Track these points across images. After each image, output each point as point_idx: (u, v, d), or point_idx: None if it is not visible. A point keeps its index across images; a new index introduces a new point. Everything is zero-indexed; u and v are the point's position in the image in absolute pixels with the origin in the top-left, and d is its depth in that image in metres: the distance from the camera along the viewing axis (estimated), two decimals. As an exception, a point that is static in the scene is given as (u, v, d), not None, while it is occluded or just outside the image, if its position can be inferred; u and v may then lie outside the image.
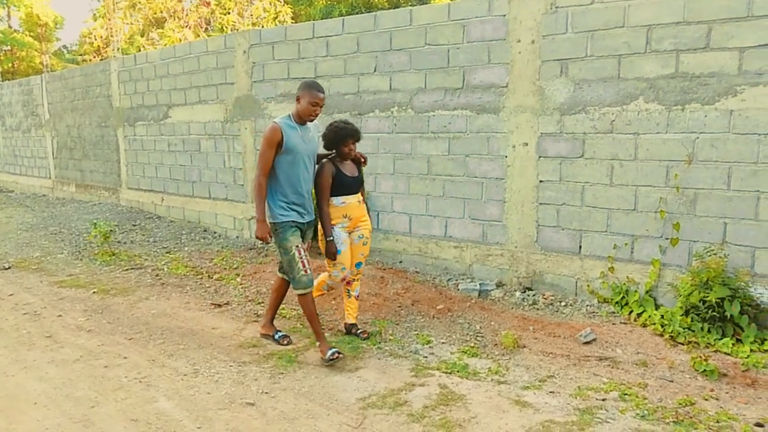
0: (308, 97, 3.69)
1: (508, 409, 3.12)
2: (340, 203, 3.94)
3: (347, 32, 6.13)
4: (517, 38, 5.03)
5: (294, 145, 3.71)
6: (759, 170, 4.04)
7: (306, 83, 3.77)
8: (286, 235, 3.76)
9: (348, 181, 3.96)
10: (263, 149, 3.69)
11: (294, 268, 3.76)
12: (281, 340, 4.08)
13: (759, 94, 4.00)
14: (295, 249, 3.75)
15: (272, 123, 3.71)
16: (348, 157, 3.99)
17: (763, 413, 3.03)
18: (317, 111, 3.74)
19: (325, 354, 3.70)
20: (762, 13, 3.94)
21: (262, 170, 3.71)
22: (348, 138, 3.92)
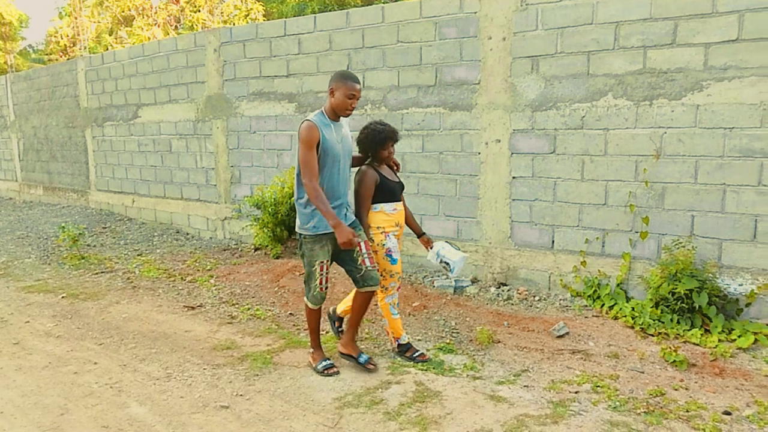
0: (344, 89, 3.31)
1: (483, 404, 3.13)
2: (392, 210, 3.63)
3: (319, 30, 6.09)
4: (489, 35, 5.06)
5: (331, 145, 3.34)
6: (725, 164, 4.13)
7: (340, 74, 3.40)
8: (314, 248, 3.42)
9: (393, 186, 3.64)
10: (304, 152, 3.26)
11: (312, 281, 3.48)
12: (366, 364, 3.58)
13: (724, 89, 4.09)
14: (318, 265, 3.44)
15: (306, 121, 3.30)
16: (387, 162, 3.67)
17: (730, 401, 3.10)
18: (354, 104, 3.37)
19: (317, 363, 3.59)
20: (726, 9, 4.03)
21: (311, 175, 3.26)
22: (387, 141, 3.58)
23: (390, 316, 3.74)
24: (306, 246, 3.46)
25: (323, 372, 3.55)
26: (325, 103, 3.42)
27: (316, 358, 3.64)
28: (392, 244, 3.62)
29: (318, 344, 3.68)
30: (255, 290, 5.13)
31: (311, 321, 3.63)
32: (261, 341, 4.13)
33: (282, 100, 6.46)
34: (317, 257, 3.43)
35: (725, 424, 2.88)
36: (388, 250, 3.62)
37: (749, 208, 4.06)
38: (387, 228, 3.62)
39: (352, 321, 3.67)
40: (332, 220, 3.24)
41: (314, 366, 3.60)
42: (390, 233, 3.63)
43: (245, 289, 5.17)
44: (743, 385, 3.28)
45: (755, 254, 4.06)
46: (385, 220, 3.62)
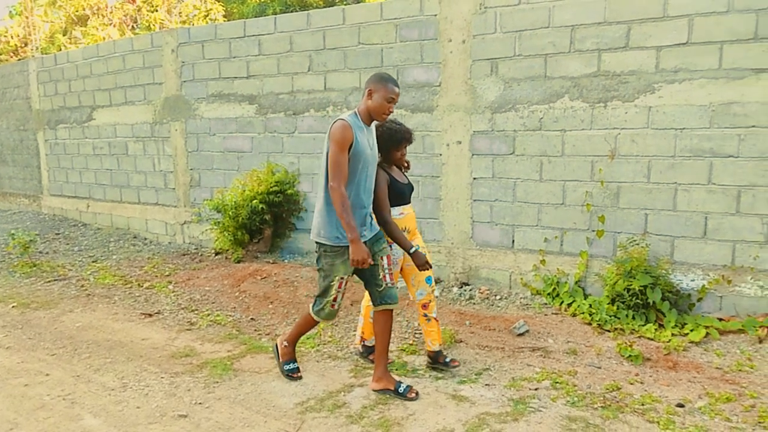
0: (384, 92, 3.09)
1: (445, 404, 3.15)
2: (398, 215, 3.39)
3: (280, 31, 6.03)
4: (449, 38, 5.10)
5: (363, 149, 3.08)
6: (676, 163, 4.26)
7: (380, 76, 3.17)
8: (335, 261, 3.17)
9: (404, 189, 3.44)
10: (335, 153, 3.00)
11: (326, 296, 3.26)
12: (408, 393, 3.22)
13: (675, 91, 4.22)
14: (337, 281, 3.20)
15: (340, 120, 3.05)
16: (399, 163, 3.48)
17: (683, 394, 3.19)
18: (392, 109, 3.16)
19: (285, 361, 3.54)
20: (676, 13, 4.16)
21: (341, 178, 3.00)
22: (403, 141, 3.40)
23: (368, 319, 3.69)
24: (326, 258, 3.18)
25: (287, 374, 3.48)
26: (360, 104, 3.18)
27: (286, 354, 3.54)
28: (394, 254, 3.36)
29: (295, 342, 3.59)
30: (215, 295, 5.03)
31: (305, 327, 3.51)
32: (221, 347, 4.06)
33: (242, 101, 6.37)
34: (338, 272, 3.18)
35: (678, 416, 2.97)
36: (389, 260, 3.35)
37: (699, 206, 4.20)
38: None
39: (380, 350, 3.30)
40: (352, 234, 2.99)
41: (280, 363, 3.53)
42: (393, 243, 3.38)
43: (205, 295, 5.07)
44: (695, 377, 3.38)
45: (706, 251, 4.21)
46: None
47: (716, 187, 4.14)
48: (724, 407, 3.03)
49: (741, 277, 4.12)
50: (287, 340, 3.57)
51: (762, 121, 3.97)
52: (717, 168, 4.13)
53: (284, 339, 3.59)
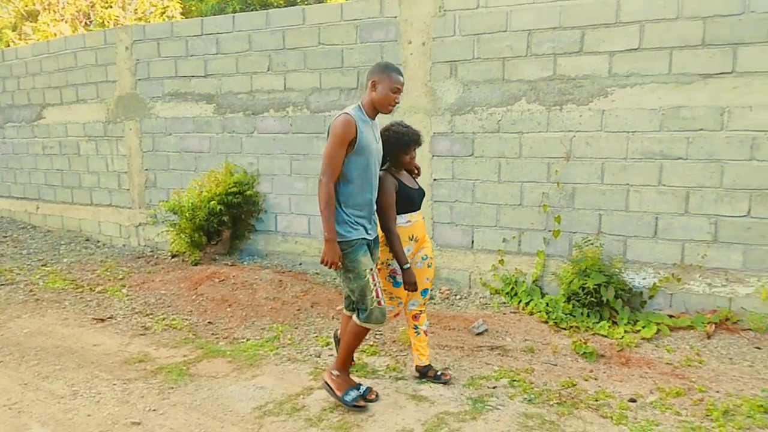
0: (388, 82, 2.96)
1: (405, 404, 3.15)
2: (405, 222, 3.21)
3: (238, 30, 5.94)
4: (409, 40, 5.12)
5: (367, 144, 2.95)
6: (628, 165, 4.39)
7: (383, 65, 3.04)
8: (357, 256, 2.96)
9: (413, 195, 3.25)
10: (333, 147, 2.88)
11: (367, 296, 2.97)
12: (368, 395, 3.18)
13: (627, 95, 4.35)
14: (369, 273, 2.97)
15: (344, 114, 2.91)
16: (408, 167, 3.32)
17: (636, 389, 3.28)
18: (398, 100, 3.04)
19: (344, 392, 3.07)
20: (628, 19, 4.29)
21: (331, 174, 2.89)
22: (411, 144, 3.24)
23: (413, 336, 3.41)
24: (347, 258, 2.96)
25: (352, 406, 3.03)
26: (363, 96, 3.05)
27: (341, 385, 3.08)
28: (396, 266, 3.20)
29: (347, 367, 3.16)
30: (171, 299, 4.91)
31: (355, 343, 3.11)
32: (177, 352, 3.96)
33: (200, 101, 6.25)
34: (365, 265, 2.96)
35: (631, 411, 3.05)
36: (392, 271, 3.23)
37: (650, 206, 4.34)
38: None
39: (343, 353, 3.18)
40: (328, 233, 2.88)
41: (339, 397, 3.05)
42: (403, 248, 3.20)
43: (161, 299, 4.94)
44: (647, 373, 3.49)
45: (656, 250, 4.35)
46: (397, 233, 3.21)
47: (666, 188, 4.28)
48: (674, 401, 3.13)
49: (690, 275, 4.27)
50: (337, 369, 3.14)
51: (709, 125, 4.13)
52: (667, 170, 4.27)
53: (332, 369, 3.16)
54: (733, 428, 2.84)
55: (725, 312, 4.09)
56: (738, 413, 2.97)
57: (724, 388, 3.26)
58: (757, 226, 4.07)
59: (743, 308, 4.12)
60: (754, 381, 3.35)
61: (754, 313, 4.04)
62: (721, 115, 4.10)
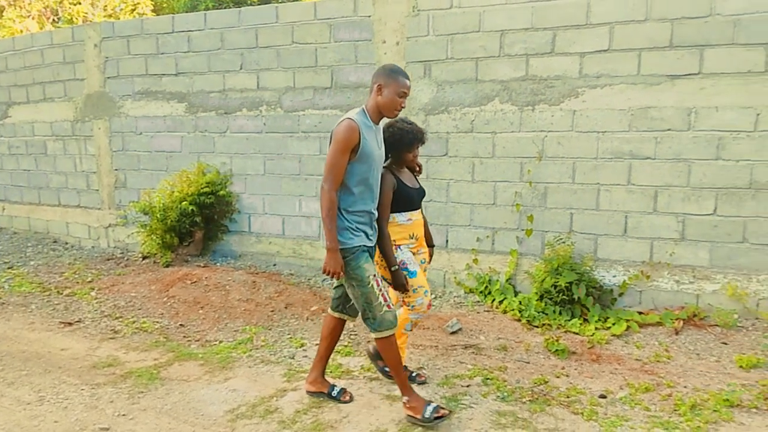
0: (395, 86, 2.86)
1: (378, 405, 3.14)
2: (405, 221, 3.16)
3: (210, 27, 5.86)
4: (383, 39, 5.12)
5: (371, 150, 2.87)
6: (599, 165, 4.46)
7: (389, 68, 2.91)
8: (360, 263, 2.88)
9: (412, 194, 3.19)
10: (336, 154, 2.79)
11: (373, 304, 2.88)
12: (341, 396, 3.18)
13: (597, 96, 4.42)
14: (373, 279, 2.89)
15: (347, 120, 2.82)
16: (411, 165, 3.26)
17: (606, 385, 3.34)
18: (404, 104, 2.93)
19: (422, 411, 2.86)
20: (598, 21, 4.36)
21: (334, 182, 2.81)
22: (415, 142, 3.15)
23: (399, 330, 3.23)
24: (349, 266, 2.88)
25: (435, 419, 2.86)
26: (368, 100, 2.94)
27: (416, 406, 2.89)
28: (406, 256, 3.14)
29: (407, 383, 2.98)
30: (142, 302, 4.82)
31: (392, 354, 2.93)
32: (147, 356, 3.88)
33: (171, 99, 6.14)
34: (367, 272, 2.89)
35: (601, 407, 3.09)
36: (402, 263, 3.11)
37: (620, 205, 4.41)
38: (398, 240, 3.14)
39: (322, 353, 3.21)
40: (330, 242, 2.80)
41: (419, 417, 2.86)
42: (402, 246, 3.15)
43: (131, 301, 4.85)
44: (617, 369, 3.54)
45: (626, 248, 4.42)
46: (396, 232, 3.14)
47: (635, 188, 4.36)
48: (643, 397, 3.19)
49: (658, 272, 4.36)
50: (405, 394, 2.97)
51: (676, 125, 4.22)
52: (636, 169, 4.35)
53: (402, 399, 2.99)
54: (700, 422, 2.90)
55: (693, 308, 4.19)
56: (705, 407, 3.04)
57: (692, 383, 3.33)
58: (722, 224, 4.17)
59: (710, 304, 4.22)
60: (721, 376, 3.43)
61: (721, 309, 4.13)
62: (688, 116, 4.19)
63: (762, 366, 3.52)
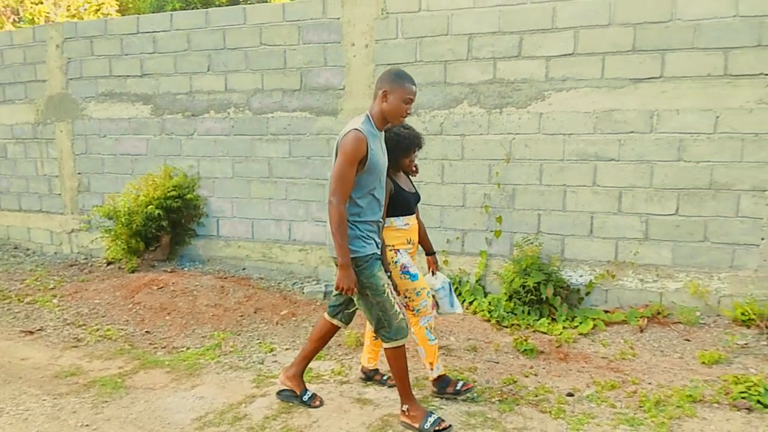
0: (401, 92, 2.75)
1: (349, 408, 3.13)
2: (403, 225, 3.11)
3: (176, 28, 5.77)
4: (352, 42, 5.11)
5: (378, 160, 2.79)
6: (565, 167, 4.53)
7: (395, 74, 2.80)
8: (374, 271, 2.79)
9: (409, 198, 3.15)
10: (344, 167, 2.68)
11: (389, 312, 2.80)
12: (311, 401, 3.14)
13: (563, 99, 4.49)
14: (387, 288, 2.81)
15: (354, 131, 2.69)
16: (408, 170, 3.20)
17: (573, 383, 3.38)
18: (409, 110, 2.83)
19: (422, 422, 2.82)
20: (563, 25, 4.43)
21: (342, 195, 2.69)
22: (413, 147, 3.11)
23: (426, 343, 3.14)
24: (363, 274, 2.78)
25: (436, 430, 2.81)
26: (372, 107, 2.83)
27: (415, 416, 2.85)
28: (405, 259, 3.10)
29: (413, 396, 2.94)
30: (106, 308, 4.70)
31: (399, 363, 2.87)
32: (112, 364, 3.79)
33: (136, 101, 6.02)
34: (382, 280, 2.81)
35: (569, 405, 3.13)
36: (403, 267, 3.07)
37: (586, 206, 4.49)
38: (397, 245, 3.09)
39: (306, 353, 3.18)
40: (343, 258, 2.70)
41: (417, 426, 2.83)
42: (401, 250, 3.11)
43: (95, 308, 4.72)
44: (584, 367, 3.60)
45: (592, 248, 4.50)
46: (395, 237, 3.09)
47: (600, 189, 4.45)
48: (610, 394, 3.24)
49: (623, 271, 4.45)
50: (406, 402, 2.92)
51: (639, 128, 4.32)
52: (601, 171, 4.43)
53: (402, 405, 2.93)
54: (664, 418, 2.96)
55: (656, 306, 4.28)
56: (669, 403, 3.11)
57: (656, 380, 3.40)
58: (684, 224, 4.29)
59: (673, 302, 4.33)
60: (684, 372, 3.51)
61: (683, 306, 4.24)
62: (650, 118, 4.29)
63: (723, 362, 3.62)
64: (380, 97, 2.78)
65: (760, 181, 4.10)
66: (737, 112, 4.10)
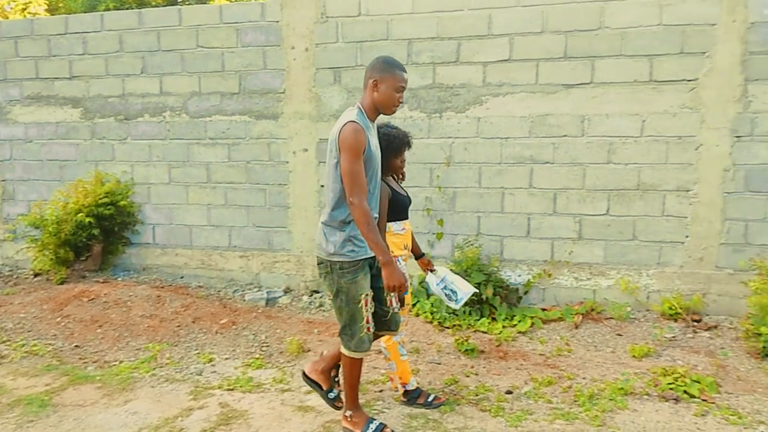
0: (392, 80, 2.62)
1: (290, 417, 3.08)
2: (400, 230, 3.04)
3: (108, 29, 5.54)
4: (292, 45, 5.06)
5: (374, 153, 2.67)
6: (503, 170, 4.64)
7: (385, 61, 2.67)
8: (356, 278, 2.67)
9: (405, 201, 3.07)
10: (351, 163, 2.52)
11: (357, 322, 2.70)
12: (335, 401, 2.98)
13: (500, 104, 4.60)
14: (363, 299, 2.68)
15: (350, 123, 2.55)
16: (398, 171, 3.10)
17: (512, 381, 3.46)
18: (401, 99, 2.70)
19: (364, 427, 2.80)
20: (499, 32, 4.54)
21: (361, 191, 2.53)
22: (404, 146, 3.04)
23: (398, 358, 3.14)
24: (345, 277, 2.66)
25: None
26: (363, 97, 2.69)
27: (358, 422, 2.83)
28: (403, 268, 3.02)
29: (358, 403, 2.90)
30: (32, 323, 4.43)
31: (354, 374, 2.82)
32: (38, 381, 3.58)
33: (65, 104, 5.74)
34: (362, 289, 2.68)
35: (508, 402, 3.20)
36: None
37: (523, 208, 4.62)
38: (395, 251, 2.98)
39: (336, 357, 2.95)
40: (384, 255, 2.54)
41: None
42: (398, 257, 3.00)
43: (20, 323, 4.44)
44: (522, 365, 3.68)
45: (529, 248, 4.63)
46: (393, 243, 2.97)
47: (536, 191, 4.58)
48: (546, 390, 3.33)
49: (559, 270, 4.59)
50: (350, 408, 2.88)
51: (572, 131, 4.48)
52: (537, 173, 4.56)
53: (345, 410, 2.90)
54: (597, 411, 3.06)
55: (590, 303, 4.44)
56: (602, 397, 3.22)
57: (590, 374, 3.52)
58: (615, 224, 4.47)
59: (606, 299, 4.50)
60: (616, 366, 3.65)
61: (615, 303, 4.42)
62: (582, 123, 4.45)
63: (653, 355, 3.78)
64: (371, 87, 2.66)
65: (683, 182, 4.33)
66: (662, 116, 4.31)
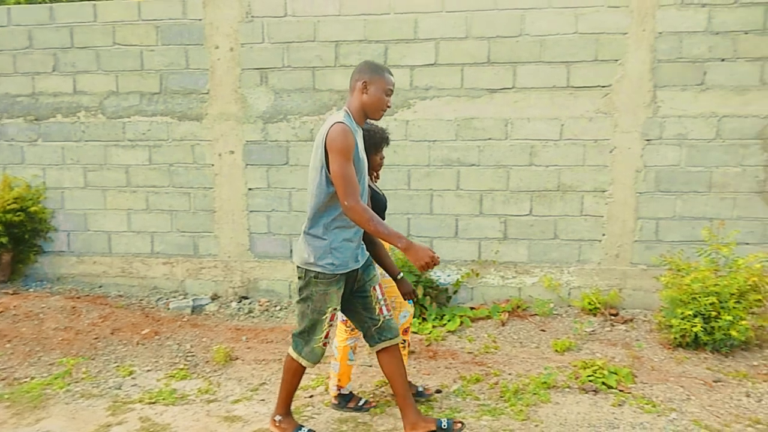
0: (381, 84, 2.58)
1: (216, 428, 2.98)
2: None
3: (15, 24, 5.18)
4: (216, 45, 4.92)
5: (362, 156, 2.61)
6: (431, 172, 4.71)
7: (372, 65, 2.63)
8: (329, 290, 2.62)
9: (383, 201, 3.01)
10: (342, 165, 2.45)
11: (316, 333, 2.67)
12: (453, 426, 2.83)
13: (427, 107, 4.67)
14: (330, 312, 2.66)
15: (338, 124, 2.48)
16: (377, 168, 3.01)
17: (442, 380, 3.51)
18: (390, 103, 2.65)
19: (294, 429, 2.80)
20: (425, 36, 4.61)
21: (355, 193, 2.46)
22: (383, 142, 2.95)
23: (345, 361, 3.13)
24: (318, 287, 2.62)
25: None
26: (351, 101, 2.63)
27: (286, 428, 2.80)
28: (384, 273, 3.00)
29: (290, 409, 2.85)
30: (-71, 340, 4.07)
31: (292, 380, 2.78)
32: (-66, 404, 3.29)
33: (-34, 103, 5.32)
34: (331, 303, 2.64)
35: (437, 401, 3.24)
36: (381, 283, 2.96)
37: (451, 209, 4.71)
38: None
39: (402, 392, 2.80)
40: (401, 241, 2.46)
41: None
42: None
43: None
44: (452, 363, 3.75)
45: (458, 248, 4.72)
46: None
47: (464, 192, 4.68)
48: (474, 387, 3.40)
49: (486, 269, 4.72)
50: (279, 413, 2.83)
51: (496, 135, 4.61)
52: (463, 175, 4.67)
53: (275, 414, 2.85)
54: (522, 406, 3.16)
55: (516, 301, 4.59)
56: (526, 391, 3.32)
57: (516, 370, 3.63)
58: (537, 223, 4.64)
59: (530, 296, 4.66)
60: (540, 361, 3.78)
61: (539, 300, 4.59)
62: (505, 126, 4.59)
63: (574, 349, 3.95)
64: (359, 90, 2.60)
65: (600, 183, 4.56)
66: (579, 120, 4.52)
